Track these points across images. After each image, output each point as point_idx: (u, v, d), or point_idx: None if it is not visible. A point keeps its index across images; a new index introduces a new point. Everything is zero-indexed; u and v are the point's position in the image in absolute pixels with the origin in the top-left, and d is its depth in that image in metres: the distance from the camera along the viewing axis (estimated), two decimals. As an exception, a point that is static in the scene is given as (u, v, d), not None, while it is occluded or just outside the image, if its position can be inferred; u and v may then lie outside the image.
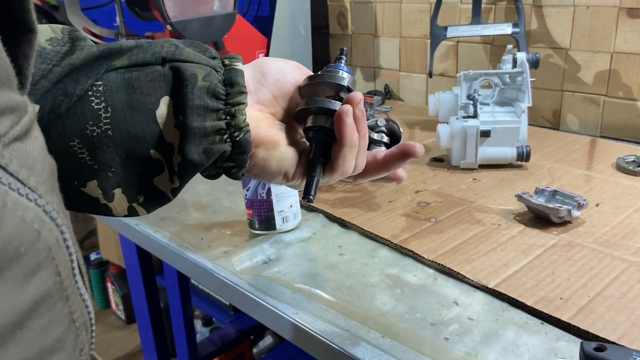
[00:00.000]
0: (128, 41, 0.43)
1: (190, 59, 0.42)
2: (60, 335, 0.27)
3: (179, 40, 0.45)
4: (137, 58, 0.41)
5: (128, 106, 0.40)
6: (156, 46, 0.43)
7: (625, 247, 0.70)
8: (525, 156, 0.96)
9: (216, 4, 1.22)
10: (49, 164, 0.30)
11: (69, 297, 0.28)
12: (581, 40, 1.16)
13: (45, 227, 0.27)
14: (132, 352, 1.97)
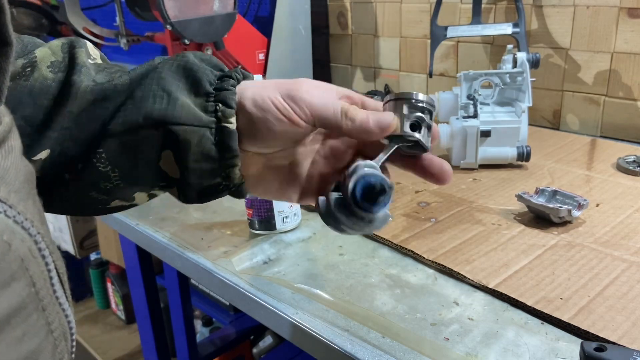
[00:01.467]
0: (118, 82, 0.43)
1: (182, 121, 0.42)
2: (36, 347, 0.27)
3: (174, 63, 0.44)
4: (131, 119, 0.42)
5: (133, 164, 0.43)
6: (148, 98, 0.42)
7: (626, 247, 0.70)
8: (525, 156, 0.96)
9: (216, 4, 1.22)
10: (24, 171, 0.30)
11: (45, 307, 0.28)
12: (581, 40, 1.16)
13: (17, 238, 0.26)
14: (132, 352, 1.97)
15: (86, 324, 2.13)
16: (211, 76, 0.44)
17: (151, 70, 0.44)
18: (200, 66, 0.44)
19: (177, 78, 0.43)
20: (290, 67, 1.49)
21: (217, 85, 0.44)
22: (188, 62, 0.44)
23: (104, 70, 0.45)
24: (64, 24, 1.44)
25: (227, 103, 0.43)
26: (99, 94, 0.43)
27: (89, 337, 2.05)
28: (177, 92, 0.42)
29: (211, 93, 0.43)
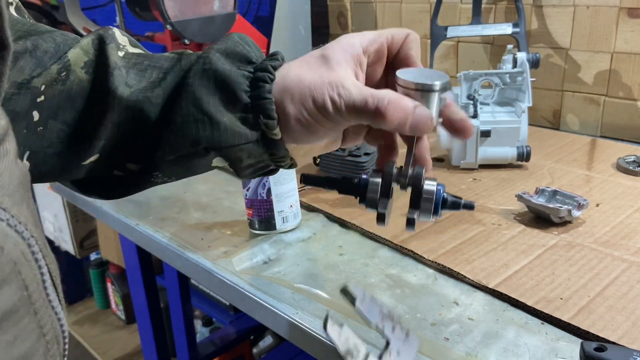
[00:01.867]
0: (152, 96, 0.43)
1: (230, 143, 0.42)
2: (28, 350, 0.27)
3: (203, 74, 0.43)
4: (180, 151, 0.43)
5: (187, 173, 0.47)
6: (189, 124, 0.42)
7: (626, 247, 0.70)
8: (525, 156, 0.96)
9: (216, 4, 1.22)
10: (18, 175, 0.30)
11: (37, 311, 0.28)
12: (581, 40, 1.16)
13: (9, 241, 0.26)
14: (132, 352, 1.97)
15: (86, 324, 2.13)
16: (244, 83, 0.43)
17: (181, 82, 0.43)
18: (231, 72, 0.43)
19: (211, 92, 0.42)
20: (290, 67, 1.49)
21: (253, 93, 0.43)
22: (217, 70, 0.42)
23: (134, 67, 0.44)
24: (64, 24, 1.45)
25: (268, 114, 0.42)
26: (135, 108, 0.43)
27: (89, 337, 2.05)
28: (216, 113, 0.42)
29: (249, 103, 0.43)
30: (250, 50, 0.46)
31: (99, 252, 2.01)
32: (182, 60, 0.44)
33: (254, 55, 0.45)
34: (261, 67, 0.44)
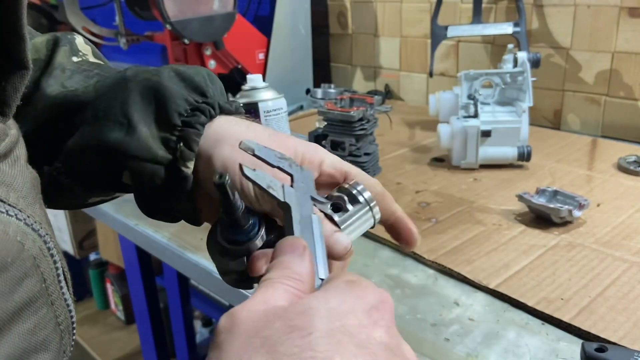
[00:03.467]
0: (82, 94, 0.41)
1: (136, 154, 0.39)
2: (45, 338, 0.29)
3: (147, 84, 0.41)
4: (87, 142, 0.40)
5: (93, 180, 0.43)
6: (108, 122, 0.40)
7: (627, 247, 0.70)
8: (526, 156, 0.96)
9: (216, 4, 1.22)
10: (30, 178, 0.32)
11: (53, 302, 0.30)
12: (582, 39, 1.16)
13: (29, 238, 0.29)
14: (132, 352, 1.96)
15: (86, 324, 2.12)
16: (183, 106, 0.40)
17: (121, 84, 0.41)
18: (174, 91, 0.40)
19: (144, 102, 0.40)
20: (290, 67, 1.49)
21: (186, 119, 0.40)
22: (161, 85, 0.40)
23: (82, 73, 0.43)
24: (63, 24, 1.44)
25: (189, 145, 0.39)
26: (61, 104, 0.41)
27: (89, 338, 2.05)
28: (138, 122, 0.40)
29: (177, 126, 0.40)
30: (208, 85, 0.43)
31: (99, 252, 2.00)
32: (129, 70, 0.43)
33: (211, 91, 0.43)
34: (209, 102, 0.41)
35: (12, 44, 0.29)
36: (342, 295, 0.27)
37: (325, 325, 0.25)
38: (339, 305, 0.26)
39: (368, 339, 0.25)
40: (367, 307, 0.26)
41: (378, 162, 1.00)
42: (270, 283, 0.28)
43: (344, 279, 0.28)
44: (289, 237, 0.32)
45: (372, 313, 0.26)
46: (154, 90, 0.40)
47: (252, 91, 0.80)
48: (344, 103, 0.98)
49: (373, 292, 0.27)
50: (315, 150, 0.42)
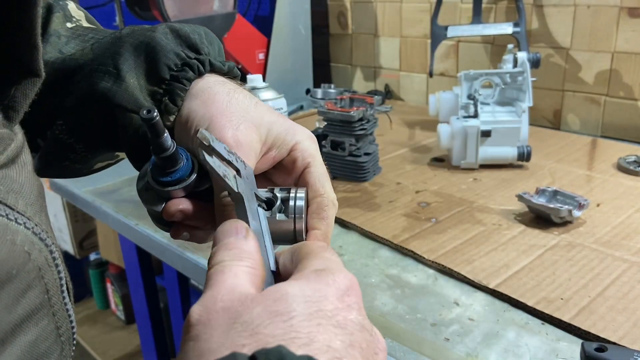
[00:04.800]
0: (80, 57, 0.41)
1: (122, 103, 0.40)
2: (46, 350, 0.29)
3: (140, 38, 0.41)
4: (80, 93, 0.41)
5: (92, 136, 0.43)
6: (98, 72, 0.40)
7: (627, 247, 0.70)
8: (526, 156, 0.96)
9: (216, 4, 1.22)
10: (37, 185, 0.32)
11: (55, 313, 0.30)
12: (582, 39, 1.16)
13: (35, 248, 0.28)
14: (132, 352, 1.96)
15: (86, 324, 2.12)
16: (173, 60, 0.41)
17: (116, 42, 0.42)
18: (166, 46, 0.41)
19: (135, 55, 0.41)
20: (290, 66, 1.49)
21: (175, 73, 0.41)
22: (154, 39, 0.41)
23: (78, 38, 0.43)
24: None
25: (173, 99, 0.40)
26: (59, 68, 0.41)
27: (89, 338, 2.05)
28: (127, 72, 0.40)
29: (165, 79, 0.40)
30: (204, 43, 0.43)
31: (99, 252, 2.00)
32: (125, 29, 0.43)
33: (205, 49, 0.43)
34: (201, 59, 0.42)
35: (26, 53, 0.29)
36: (314, 284, 0.27)
37: (304, 309, 0.26)
38: (313, 292, 0.27)
39: (345, 320, 0.26)
40: (339, 293, 0.28)
41: (378, 162, 1.00)
42: (226, 266, 0.28)
43: (311, 269, 0.29)
44: (231, 220, 0.32)
45: (344, 298, 0.27)
46: (146, 44, 0.41)
47: (252, 91, 0.79)
48: (344, 103, 0.98)
49: (343, 279, 0.28)
50: (294, 133, 0.41)
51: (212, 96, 0.40)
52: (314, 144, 0.42)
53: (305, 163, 0.41)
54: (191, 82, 0.40)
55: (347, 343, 0.26)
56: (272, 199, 0.39)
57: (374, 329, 0.29)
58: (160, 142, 0.35)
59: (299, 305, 0.26)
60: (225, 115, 0.38)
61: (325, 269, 0.29)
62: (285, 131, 0.41)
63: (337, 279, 0.28)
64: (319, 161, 0.41)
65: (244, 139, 0.38)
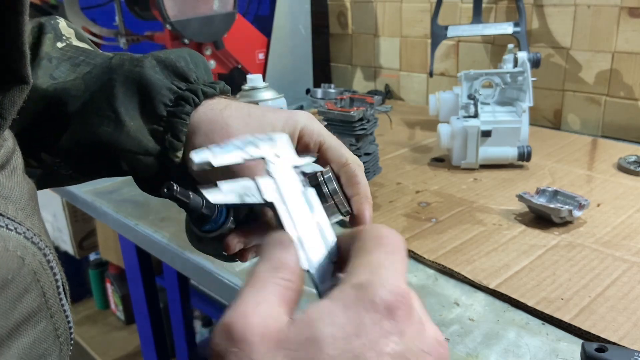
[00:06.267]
0: (72, 87, 0.42)
1: (128, 147, 0.41)
2: (44, 351, 0.29)
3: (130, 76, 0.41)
4: (79, 139, 0.41)
5: (93, 170, 0.45)
6: (95, 117, 0.40)
7: (627, 247, 0.70)
8: (526, 156, 0.96)
9: (216, 4, 1.22)
10: (27, 188, 0.32)
11: (53, 315, 0.30)
12: (582, 39, 1.16)
13: (29, 252, 0.29)
14: (132, 352, 1.96)
15: (85, 324, 2.12)
16: (167, 96, 0.41)
17: (106, 76, 0.42)
18: (157, 82, 0.41)
19: (129, 95, 0.41)
20: (290, 66, 1.49)
21: (171, 109, 0.41)
22: (144, 76, 0.41)
23: (68, 61, 0.43)
24: (64, 24, 1.44)
25: (177, 135, 0.41)
26: (51, 97, 0.42)
27: (88, 338, 2.04)
28: (126, 115, 0.41)
29: (163, 116, 0.41)
30: (191, 69, 0.43)
31: (98, 252, 2.00)
32: (114, 58, 0.43)
33: (194, 75, 0.43)
34: (192, 88, 0.42)
35: (13, 60, 0.29)
36: (349, 309, 0.24)
37: (331, 352, 0.23)
38: (345, 324, 0.23)
39: (378, 357, 0.23)
40: (377, 318, 0.24)
41: (378, 162, 0.99)
42: (259, 279, 0.27)
43: (353, 282, 0.25)
44: (274, 233, 0.31)
45: (383, 324, 0.24)
46: (138, 83, 0.41)
47: (252, 91, 0.79)
48: (344, 103, 0.98)
49: (386, 295, 0.24)
50: (294, 121, 0.42)
51: (211, 126, 0.41)
52: (315, 122, 0.43)
53: (317, 143, 0.42)
54: (189, 115, 0.41)
55: None
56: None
57: (421, 349, 0.24)
58: (190, 207, 0.36)
59: (326, 347, 0.23)
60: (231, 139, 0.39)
61: (365, 284, 0.25)
62: (285, 123, 0.41)
63: (377, 297, 0.24)
64: (327, 135, 0.42)
65: None
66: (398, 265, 0.26)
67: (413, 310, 0.25)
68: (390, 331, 0.23)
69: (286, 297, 0.26)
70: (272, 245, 0.29)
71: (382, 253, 0.26)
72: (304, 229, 0.31)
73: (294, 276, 0.27)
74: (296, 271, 0.27)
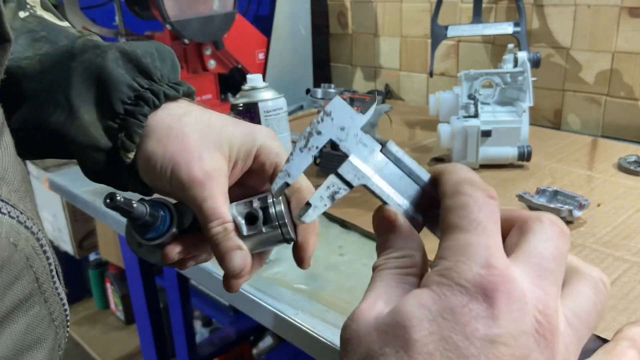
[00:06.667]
0: (28, 69, 0.40)
1: (77, 140, 0.39)
2: (40, 335, 0.29)
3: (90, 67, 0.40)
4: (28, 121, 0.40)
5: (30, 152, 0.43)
6: (49, 105, 0.39)
7: (627, 247, 0.69)
8: (526, 156, 0.96)
9: (216, 3, 1.22)
10: (20, 169, 0.31)
11: (47, 299, 0.30)
12: (582, 39, 1.16)
13: (22, 237, 0.28)
14: (132, 352, 1.96)
15: (85, 324, 2.12)
16: (126, 93, 0.40)
17: (65, 62, 0.40)
18: (118, 77, 0.40)
19: (86, 87, 0.40)
20: (290, 67, 1.49)
21: (129, 107, 0.40)
22: (105, 69, 0.39)
23: (28, 34, 0.42)
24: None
25: (131, 136, 0.39)
26: (5, 73, 0.40)
27: (88, 338, 2.04)
28: (80, 107, 0.39)
29: (120, 114, 0.40)
30: (156, 66, 0.42)
31: (98, 252, 2.00)
32: (77, 42, 0.41)
33: (159, 73, 0.42)
34: (154, 88, 0.41)
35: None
36: (440, 301, 0.23)
37: (417, 335, 0.22)
38: (431, 306, 0.23)
39: (469, 341, 0.22)
40: (465, 300, 0.22)
41: (378, 162, 0.99)
42: (377, 275, 0.26)
43: (437, 271, 0.24)
44: (380, 210, 0.29)
45: (472, 306, 0.22)
46: (97, 75, 0.40)
47: (252, 91, 0.79)
48: (344, 103, 0.98)
49: (474, 278, 0.22)
50: (253, 137, 0.41)
51: (167, 132, 0.39)
52: (275, 141, 0.42)
53: (273, 164, 0.41)
54: (147, 117, 0.40)
55: None
56: (253, 212, 0.39)
57: (525, 322, 0.22)
58: (133, 216, 0.37)
59: (412, 328, 0.22)
60: (186, 151, 0.38)
61: (448, 272, 0.23)
62: (244, 139, 0.40)
63: (462, 280, 0.22)
64: (285, 157, 0.40)
65: (211, 167, 0.38)
66: (490, 240, 0.24)
67: (513, 288, 0.22)
68: (480, 314, 0.22)
69: (407, 282, 0.25)
70: (380, 229, 0.28)
71: (469, 232, 0.24)
72: (398, 190, 0.30)
73: (410, 257, 0.27)
74: (413, 247, 0.27)
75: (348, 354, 0.24)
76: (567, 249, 0.25)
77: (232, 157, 0.40)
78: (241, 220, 0.39)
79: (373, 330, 0.23)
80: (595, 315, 0.25)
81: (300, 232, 0.42)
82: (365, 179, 0.30)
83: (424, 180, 0.29)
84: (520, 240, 0.25)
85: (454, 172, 0.27)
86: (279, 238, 0.41)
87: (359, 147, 0.30)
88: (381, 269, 0.27)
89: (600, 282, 0.26)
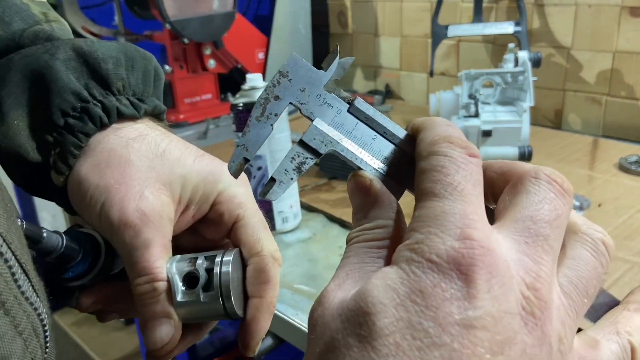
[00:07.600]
0: None
1: (7, 149, 0.33)
2: (4, 353, 0.24)
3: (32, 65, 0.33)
4: None
5: None
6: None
7: (628, 247, 0.69)
8: (527, 156, 0.95)
9: (215, 3, 1.22)
10: None
11: (9, 310, 0.25)
12: (583, 39, 1.16)
13: None
14: (131, 353, 1.96)
15: (85, 325, 2.12)
16: (71, 103, 0.33)
17: (7, 55, 0.34)
18: (64, 81, 0.33)
19: (23, 86, 0.33)
20: (290, 66, 1.49)
21: (71, 120, 0.33)
22: (51, 69, 0.33)
23: None
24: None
25: (64, 157, 0.33)
26: None
27: (88, 338, 2.04)
28: (9, 110, 0.33)
29: (58, 126, 0.33)
30: (118, 75, 0.35)
31: (98, 252, 2.00)
32: (30, 30, 0.35)
33: (119, 83, 0.35)
34: (107, 103, 0.34)
35: None
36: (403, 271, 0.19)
37: (381, 322, 0.19)
38: (398, 289, 0.19)
39: (442, 329, 0.18)
40: (436, 279, 0.19)
41: (378, 162, 0.99)
42: (349, 247, 0.24)
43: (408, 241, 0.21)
44: (354, 176, 0.26)
45: (443, 286, 0.19)
46: (39, 74, 0.33)
47: (251, 91, 0.79)
48: (344, 103, 0.98)
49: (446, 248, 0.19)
50: (215, 180, 0.34)
51: (107, 156, 0.32)
52: (243, 188, 0.35)
53: (233, 216, 0.34)
54: (89, 136, 0.33)
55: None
56: (194, 272, 0.32)
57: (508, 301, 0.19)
58: (42, 248, 0.30)
59: (376, 315, 0.19)
60: (124, 184, 0.32)
61: (419, 246, 0.20)
62: (203, 181, 0.33)
63: (433, 256, 0.19)
64: (250, 210, 0.35)
65: (149, 208, 0.31)
66: (468, 206, 0.20)
67: (494, 261, 0.19)
68: (454, 295, 0.18)
69: (381, 256, 0.23)
70: (355, 197, 0.25)
71: (444, 198, 0.21)
72: (371, 152, 0.27)
73: (383, 228, 0.24)
74: (384, 217, 0.24)
75: (312, 341, 0.21)
76: (567, 210, 0.22)
77: (184, 199, 0.33)
78: (178, 280, 0.31)
79: (337, 315, 0.20)
80: (595, 281, 0.22)
81: (250, 308, 0.33)
82: (333, 144, 0.26)
83: (400, 138, 0.26)
84: (511, 202, 0.22)
85: (431, 128, 0.24)
86: (220, 312, 0.32)
87: (324, 109, 0.26)
88: (353, 242, 0.24)
89: (602, 243, 0.22)
